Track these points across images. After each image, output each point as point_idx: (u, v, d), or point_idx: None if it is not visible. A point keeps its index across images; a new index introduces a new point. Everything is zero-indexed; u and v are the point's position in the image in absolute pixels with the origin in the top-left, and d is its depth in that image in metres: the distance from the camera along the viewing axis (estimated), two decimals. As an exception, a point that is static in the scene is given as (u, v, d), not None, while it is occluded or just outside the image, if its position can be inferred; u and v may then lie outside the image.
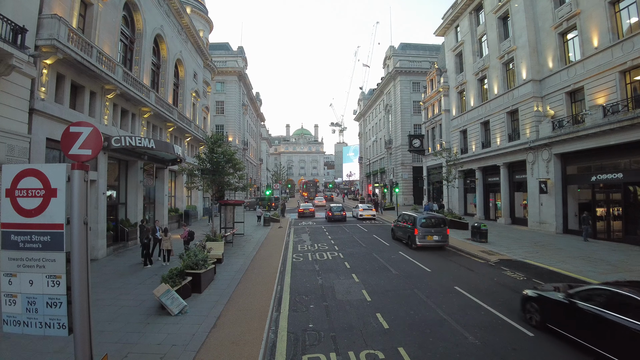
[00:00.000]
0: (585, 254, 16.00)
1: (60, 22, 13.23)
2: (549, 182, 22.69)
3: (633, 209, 18.55)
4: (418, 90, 53.88)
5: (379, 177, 67.89)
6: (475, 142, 32.55)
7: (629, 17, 18.50)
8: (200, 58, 36.56)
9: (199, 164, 20.73)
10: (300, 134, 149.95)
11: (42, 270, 3.26)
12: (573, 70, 21.68)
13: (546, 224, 23.23)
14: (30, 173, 3.27)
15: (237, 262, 15.88)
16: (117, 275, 13.60)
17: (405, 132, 52.77)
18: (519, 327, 8.53)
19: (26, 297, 3.31)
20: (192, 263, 11.50)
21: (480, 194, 32.38)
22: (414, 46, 63.72)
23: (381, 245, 20.33)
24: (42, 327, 3.30)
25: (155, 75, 25.68)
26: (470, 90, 33.60)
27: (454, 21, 36.61)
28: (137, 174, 20.57)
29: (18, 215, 3.25)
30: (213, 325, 8.64)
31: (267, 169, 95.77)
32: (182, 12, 28.64)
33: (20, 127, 12.18)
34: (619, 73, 18.62)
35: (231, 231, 21.16)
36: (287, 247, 20.09)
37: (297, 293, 11.69)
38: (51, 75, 13.83)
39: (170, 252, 15.57)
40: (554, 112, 23.29)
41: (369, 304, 10.42)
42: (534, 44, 25.03)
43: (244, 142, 57.40)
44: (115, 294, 11.10)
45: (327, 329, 8.70)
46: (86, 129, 3.47)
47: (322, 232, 26.87)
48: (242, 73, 55.78)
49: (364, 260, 16.55)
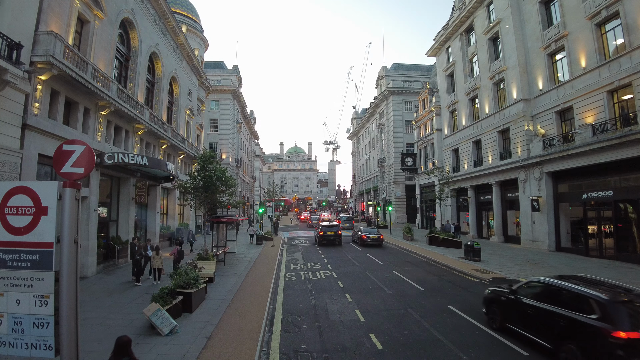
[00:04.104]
0: (578, 272, 15.93)
1: (56, 38, 13.30)
2: (541, 200, 22.87)
3: (624, 226, 18.71)
4: (410, 109, 54.59)
5: (372, 195, 68.00)
6: (467, 161, 32.85)
7: (615, 39, 19.05)
8: (195, 76, 36.83)
9: (191, 181, 20.66)
10: (293, 152, 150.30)
11: (29, 290, 3.20)
12: (562, 90, 22.15)
13: (539, 242, 23.31)
14: (21, 190, 3.23)
15: (229, 281, 15.67)
16: (107, 293, 13.34)
17: (397, 151, 53.20)
18: (514, 347, 8.45)
19: (12, 317, 3.23)
20: (183, 282, 11.32)
21: (473, 212, 32.50)
22: (406, 66, 64.80)
23: (375, 264, 20.20)
24: (28, 348, 3.21)
25: (150, 92, 25.78)
26: (462, 109, 34.11)
27: (445, 42, 37.41)
28: (129, 191, 20.41)
29: (7, 233, 3.20)
30: (204, 346, 8.46)
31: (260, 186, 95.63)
32: (178, 31, 28.96)
33: (12, 143, 12.09)
34: (607, 93, 19.05)
35: (223, 250, 20.93)
36: (279, 266, 19.89)
37: (289, 313, 11.53)
38: (45, 91, 13.82)
39: (161, 271, 15.34)
40: (545, 131, 23.67)
41: (363, 324, 10.29)
42: (523, 64, 25.59)
43: (238, 159, 57.38)
44: (104, 313, 10.87)
45: (319, 350, 8.56)
46: (79, 147, 3.46)
47: (315, 250, 26.68)
48: (236, 91, 56.16)
49: (357, 279, 16.42)
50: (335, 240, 29.37)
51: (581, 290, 7.35)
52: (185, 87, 32.58)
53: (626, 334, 6.20)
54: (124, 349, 5.11)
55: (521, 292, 8.96)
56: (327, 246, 28.72)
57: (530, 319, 8.35)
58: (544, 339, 7.79)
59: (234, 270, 18.31)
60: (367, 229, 31.42)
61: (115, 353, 5.09)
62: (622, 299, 6.95)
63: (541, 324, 7.97)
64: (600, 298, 6.86)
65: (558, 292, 7.84)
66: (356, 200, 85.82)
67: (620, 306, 6.73)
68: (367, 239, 28.11)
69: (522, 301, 8.67)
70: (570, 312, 7.26)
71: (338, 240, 29.54)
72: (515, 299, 8.93)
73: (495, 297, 9.92)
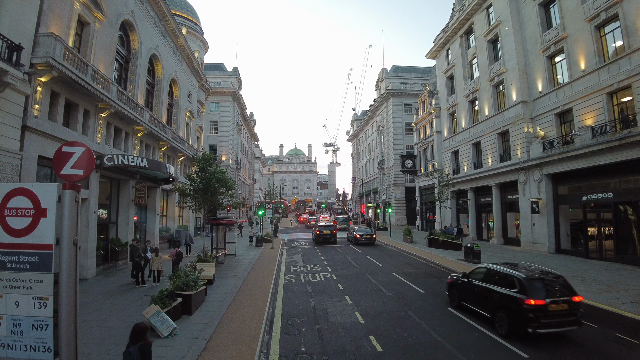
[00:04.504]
0: (578, 274, 16.00)
1: (57, 40, 13.32)
2: (541, 202, 22.87)
3: (623, 228, 18.70)
4: (410, 111, 54.61)
5: (372, 197, 67.99)
6: (467, 163, 32.86)
7: (614, 41, 19.09)
8: (195, 78, 36.87)
9: (191, 183, 20.63)
10: (293, 154, 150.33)
11: (29, 292, 3.19)
12: (562, 92, 22.18)
13: (539, 244, 23.29)
14: (20, 192, 3.23)
15: (229, 283, 15.64)
16: (106, 295, 13.32)
17: (397, 153, 53.20)
18: (514, 349, 8.44)
19: (11, 319, 3.22)
20: (183, 284, 11.30)
21: (472, 215, 32.49)
22: (405, 69, 64.90)
23: (374, 266, 20.19)
24: (27, 350, 3.20)
25: (150, 94, 25.80)
26: (462, 111, 34.14)
27: (445, 44, 37.47)
28: (128, 193, 20.40)
29: (6, 235, 3.20)
30: (203, 348, 8.44)
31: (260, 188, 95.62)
32: (178, 33, 29.01)
33: (12, 144, 12.09)
34: (606, 95, 19.07)
35: (223, 252, 20.91)
36: (279, 268, 19.87)
37: (289, 315, 11.51)
38: (45, 93, 13.82)
39: (161, 273, 15.33)
40: (544, 133, 23.69)
41: (362, 327, 10.27)
42: (523, 66, 25.64)
43: (238, 161, 57.40)
44: (103, 315, 10.85)
45: (319, 353, 8.54)
46: (79, 149, 3.46)
47: (315, 252, 26.66)
48: (236, 93, 56.22)
49: (357, 281, 16.40)
50: (331, 239, 31.97)
51: (509, 271, 9.85)
52: (185, 89, 32.61)
53: (534, 301, 8.62)
54: (141, 335, 5.52)
55: (471, 276, 11.34)
56: (324, 245, 30.99)
57: (477, 296, 10.80)
58: (486, 310, 10.24)
59: (233, 272, 18.29)
60: (361, 229, 35.16)
61: (132, 338, 5.47)
62: (534, 277, 9.39)
63: (484, 299, 10.41)
64: (519, 276, 9.35)
65: (495, 274, 10.32)
66: (356, 202, 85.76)
67: (532, 282, 9.15)
68: (360, 238, 31.13)
69: (472, 283, 11.08)
70: (501, 288, 9.72)
71: (333, 239, 32.12)
72: (468, 281, 11.37)
73: (454, 282, 12.31)
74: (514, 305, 9.02)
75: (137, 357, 5.31)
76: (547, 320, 8.57)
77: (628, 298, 11.98)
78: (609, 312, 10.84)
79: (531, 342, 8.79)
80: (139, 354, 5.32)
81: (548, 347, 8.67)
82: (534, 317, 8.53)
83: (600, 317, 10.51)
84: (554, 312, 8.66)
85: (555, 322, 8.66)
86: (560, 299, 8.83)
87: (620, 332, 9.27)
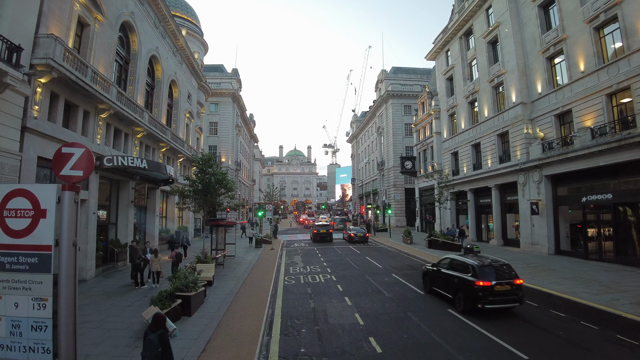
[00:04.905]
0: (577, 275, 16.00)
1: (57, 41, 13.32)
2: (540, 203, 22.87)
3: (623, 229, 18.69)
4: (410, 113, 54.64)
5: (371, 199, 67.98)
6: (467, 164, 32.87)
7: (614, 42, 19.10)
8: (195, 79, 36.88)
9: (190, 184, 20.62)
10: (293, 155, 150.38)
11: (28, 293, 3.19)
12: (561, 94, 22.19)
13: (538, 245, 23.29)
14: (20, 193, 3.23)
15: (228, 284, 15.63)
16: (106, 296, 13.31)
17: (397, 154, 53.21)
18: (516, 352, 8.43)
19: (11, 320, 3.22)
20: (182, 285, 11.30)
21: (472, 216, 32.48)
22: (405, 70, 64.96)
23: (374, 268, 20.18)
24: (26, 352, 3.20)
25: (150, 95, 25.81)
26: (461, 113, 34.15)
27: (444, 46, 37.50)
28: (128, 194, 20.40)
29: (6, 236, 3.20)
30: (202, 350, 8.43)
31: (259, 189, 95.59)
32: (178, 34, 29.03)
33: (11, 145, 12.09)
34: (606, 96, 19.08)
35: (222, 253, 20.89)
36: (279, 270, 19.85)
37: (288, 317, 11.50)
38: (45, 94, 13.82)
39: (160, 274, 15.31)
40: (544, 134, 23.70)
41: (362, 328, 10.26)
42: (522, 68, 25.66)
43: (237, 162, 57.38)
44: (103, 316, 10.85)
45: (319, 354, 8.53)
46: (78, 150, 3.46)
47: (315, 254, 26.64)
48: (236, 94, 56.22)
49: (356, 282, 16.39)
50: (327, 237, 34.82)
51: (466, 260, 12.18)
52: (185, 90, 32.62)
53: (483, 283, 10.83)
54: (160, 323, 6.21)
55: (439, 265, 13.62)
56: (321, 243, 33.23)
57: (443, 282, 13.05)
58: (449, 292, 12.56)
59: (233, 273, 18.27)
60: (356, 229, 37.80)
61: (152, 326, 6.14)
62: (484, 264, 11.51)
63: (448, 283, 12.66)
64: (473, 264, 11.58)
65: (456, 263, 12.61)
66: (355, 204, 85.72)
67: (482, 268, 11.30)
68: (355, 237, 33.78)
69: (440, 271, 13.30)
70: (460, 274, 11.92)
71: (329, 237, 34.99)
72: (437, 270, 13.58)
73: (427, 271, 14.52)
74: (469, 286, 11.22)
75: (157, 344, 5.86)
76: (493, 298, 10.77)
77: (628, 299, 11.97)
78: (609, 313, 10.84)
79: (481, 315, 10.99)
80: (159, 341, 5.89)
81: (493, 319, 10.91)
82: (482, 296, 10.76)
83: (600, 318, 10.50)
84: (499, 292, 10.85)
85: (499, 300, 10.88)
86: (504, 282, 10.96)
87: (620, 334, 9.25)
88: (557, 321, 10.48)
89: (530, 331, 9.79)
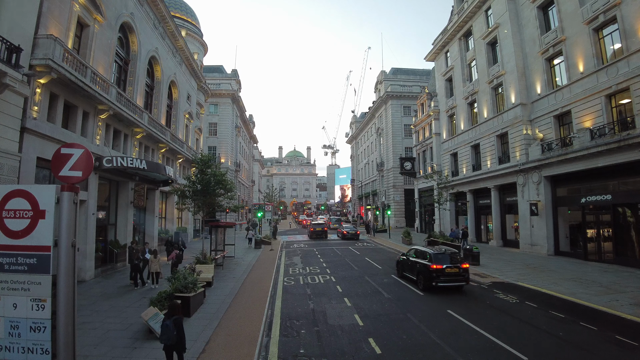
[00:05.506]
0: (577, 276, 16.01)
1: (56, 42, 13.31)
2: (540, 204, 22.89)
3: (622, 230, 18.72)
4: (409, 114, 54.64)
5: (371, 199, 67.98)
6: (466, 165, 32.89)
7: (613, 43, 19.13)
8: (194, 80, 36.88)
9: (189, 185, 20.59)
10: (292, 156, 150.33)
11: (26, 294, 3.18)
12: (560, 95, 22.22)
13: (538, 246, 23.30)
14: (18, 194, 3.22)
15: (227, 285, 15.62)
16: (105, 297, 13.29)
17: (396, 155, 53.22)
18: (513, 351, 8.43)
19: (9, 321, 3.21)
20: (182, 286, 11.29)
21: (471, 217, 32.48)
22: (404, 71, 65.00)
23: (374, 269, 20.17)
24: (25, 353, 3.19)
25: (149, 96, 25.80)
26: (461, 113, 34.18)
27: (444, 47, 37.54)
28: (127, 195, 20.38)
29: (4, 237, 3.19)
30: (202, 351, 8.43)
31: (259, 190, 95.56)
32: (177, 35, 29.03)
33: (10, 146, 12.08)
34: (605, 97, 19.10)
35: (221, 254, 20.87)
36: (278, 270, 19.84)
37: (288, 318, 11.49)
38: (44, 95, 13.82)
39: (159, 275, 15.29)
40: (543, 135, 23.72)
41: (361, 329, 10.26)
42: (522, 68, 25.69)
43: (237, 163, 57.32)
44: (101, 317, 10.83)
45: (318, 355, 8.52)
46: (77, 151, 3.46)
47: (314, 254, 26.62)
48: (235, 95, 56.19)
49: (356, 283, 16.38)
50: (322, 235, 39.39)
51: (425, 249, 15.52)
52: (184, 91, 32.61)
53: (436, 266, 14.03)
54: (176, 310, 6.95)
55: (408, 255, 16.68)
56: (321, 245, 33.46)
57: (410, 267, 16.05)
58: (414, 275, 15.48)
59: (232, 274, 18.26)
60: (348, 226, 42.52)
61: (168, 313, 6.83)
62: (439, 252, 14.68)
63: (413, 268, 15.58)
64: (430, 252, 14.82)
65: (419, 252, 15.81)
66: (355, 204, 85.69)
67: (437, 255, 14.43)
68: (347, 234, 38.09)
69: (409, 259, 16.31)
70: (422, 260, 15.01)
71: (325, 235, 39.58)
72: (407, 258, 16.61)
73: (399, 260, 17.62)
74: (426, 270, 14.35)
75: (172, 328, 6.46)
76: (445, 278, 13.99)
77: (627, 300, 11.99)
78: (608, 314, 10.85)
79: (436, 291, 14.23)
80: (174, 326, 6.49)
81: (442, 294, 14.12)
82: (436, 276, 14.00)
83: (599, 319, 10.50)
84: (449, 273, 14.00)
85: (449, 279, 14.06)
86: (453, 265, 14.10)
87: (620, 334, 9.25)
88: (557, 322, 10.48)
89: (530, 332, 9.79)
